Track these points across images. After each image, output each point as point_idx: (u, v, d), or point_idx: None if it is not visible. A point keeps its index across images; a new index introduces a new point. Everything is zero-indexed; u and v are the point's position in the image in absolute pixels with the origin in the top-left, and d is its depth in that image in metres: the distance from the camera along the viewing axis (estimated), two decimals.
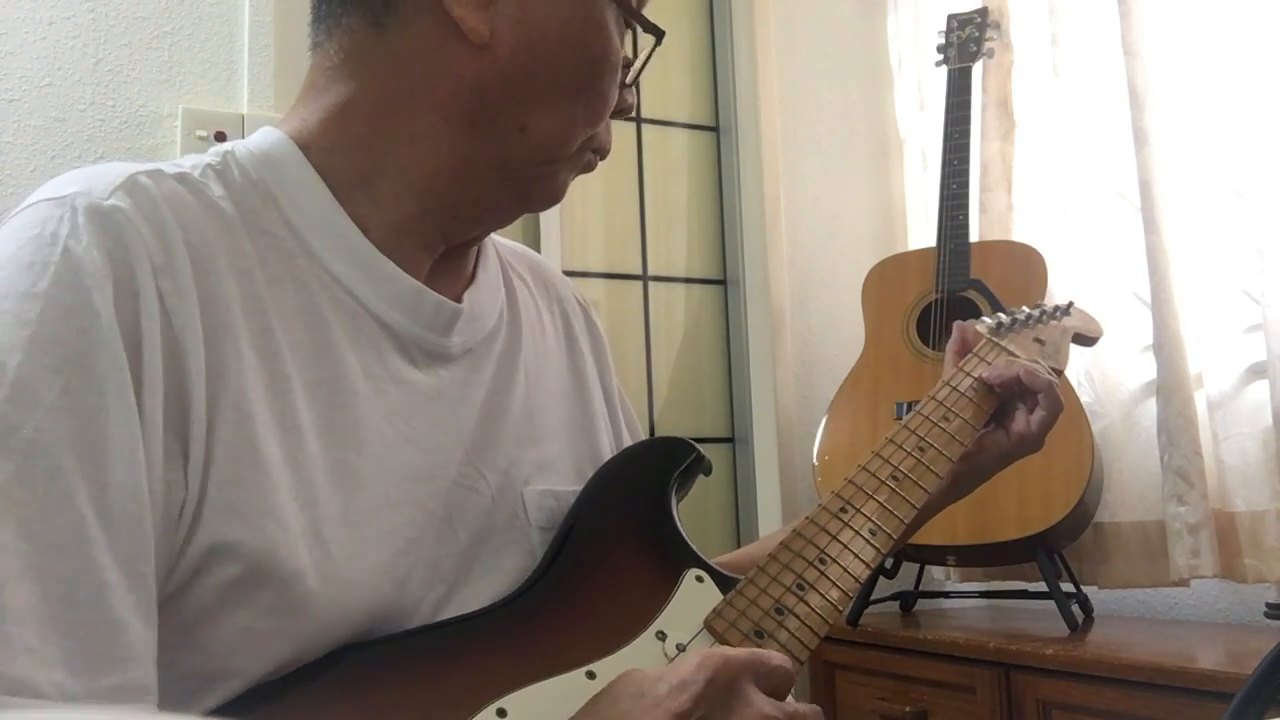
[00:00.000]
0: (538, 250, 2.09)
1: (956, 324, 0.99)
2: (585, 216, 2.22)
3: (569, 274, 2.10)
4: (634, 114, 2.22)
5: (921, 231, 2.26)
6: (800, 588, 0.71)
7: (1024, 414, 0.90)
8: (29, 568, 0.49)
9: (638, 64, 0.73)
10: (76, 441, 0.52)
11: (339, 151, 0.67)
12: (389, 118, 0.67)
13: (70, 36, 1.64)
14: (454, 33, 0.65)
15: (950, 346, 0.98)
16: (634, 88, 0.73)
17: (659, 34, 0.71)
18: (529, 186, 0.71)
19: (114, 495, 0.52)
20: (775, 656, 0.62)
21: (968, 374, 0.92)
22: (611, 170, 2.24)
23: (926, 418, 0.87)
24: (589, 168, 0.74)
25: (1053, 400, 0.89)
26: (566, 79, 0.67)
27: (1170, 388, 1.62)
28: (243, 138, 0.70)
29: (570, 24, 0.66)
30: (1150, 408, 1.69)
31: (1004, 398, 0.91)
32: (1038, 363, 0.92)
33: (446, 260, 0.73)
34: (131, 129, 1.66)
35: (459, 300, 0.72)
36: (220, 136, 1.66)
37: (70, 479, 0.51)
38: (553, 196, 0.73)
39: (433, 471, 0.67)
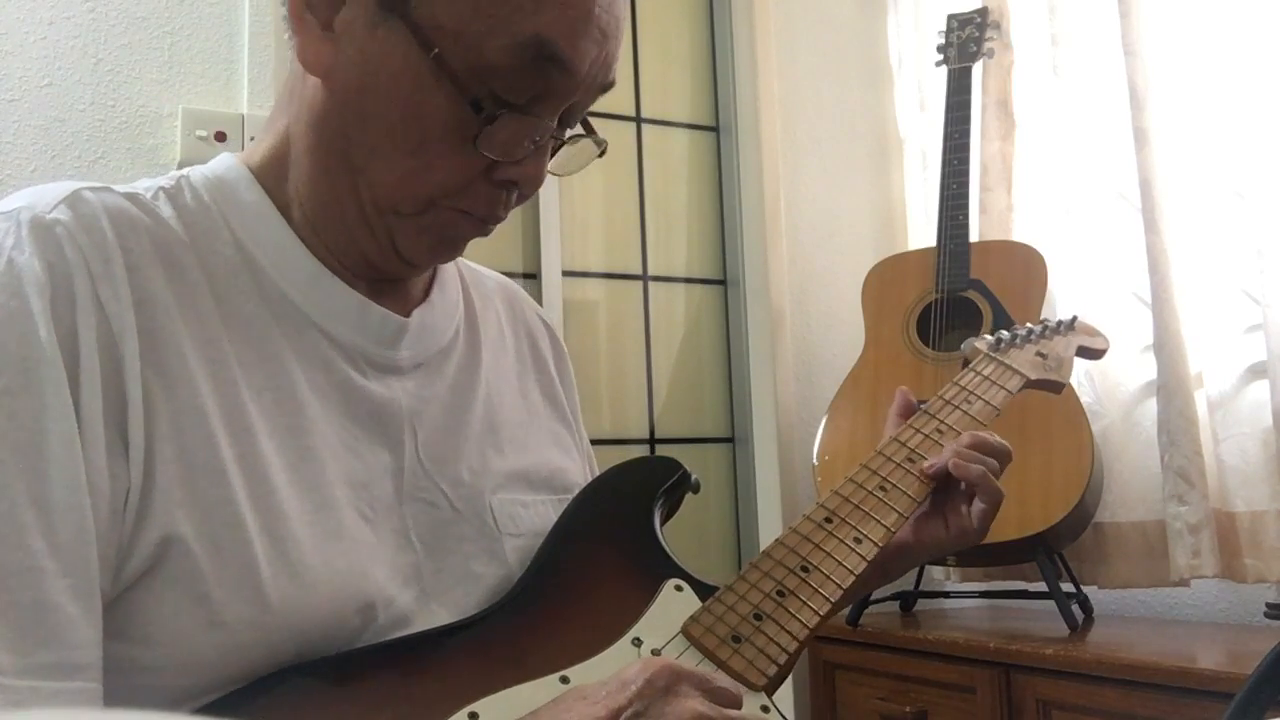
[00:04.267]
0: (537, 250, 2.11)
1: (899, 389, 0.94)
2: (585, 216, 2.22)
3: (569, 274, 2.13)
4: (633, 116, 2.24)
5: (921, 231, 2.26)
6: (780, 594, 0.71)
7: (964, 505, 0.85)
8: None
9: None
10: (14, 438, 0.55)
11: (274, 180, 0.70)
12: (292, 150, 0.69)
13: (70, 36, 1.64)
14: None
15: (893, 410, 0.93)
16: (535, 161, 0.67)
17: (505, 107, 0.64)
18: (391, 237, 0.69)
19: (52, 486, 0.55)
20: (722, 678, 0.62)
21: (962, 387, 0.93)
22: (611, 170, 2.24)
23: (917, 430, 0.88)
24: (481, 231, 0.70)
25: (991, 491, 0.83)
26: (397, 131, 0.65)
27: (1170, 388, 1.62)
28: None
29: (401, 78, 0.64)
30: (1150, 408, 1.69)
31: (941, 487, 0.85)
32: (983, 426, 0.88)
33: (391, 283, 0.73)
34: (131, 129, 1.66)
35: (408, 317, 0.72)
36: (220, 136, 1.66)
37: (7, 471, 0.54)
38: (424, 250, 0.70)
39: (370, 479, 0.68)
